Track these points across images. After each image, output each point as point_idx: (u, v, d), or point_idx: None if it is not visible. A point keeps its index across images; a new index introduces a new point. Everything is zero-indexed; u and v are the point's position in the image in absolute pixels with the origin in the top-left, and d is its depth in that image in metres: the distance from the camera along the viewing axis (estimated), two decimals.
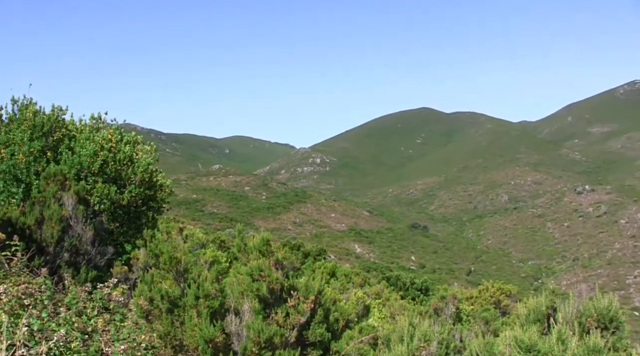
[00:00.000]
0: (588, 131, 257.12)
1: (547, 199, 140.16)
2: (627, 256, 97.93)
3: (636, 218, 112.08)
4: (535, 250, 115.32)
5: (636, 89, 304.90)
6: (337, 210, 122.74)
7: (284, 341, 6.35)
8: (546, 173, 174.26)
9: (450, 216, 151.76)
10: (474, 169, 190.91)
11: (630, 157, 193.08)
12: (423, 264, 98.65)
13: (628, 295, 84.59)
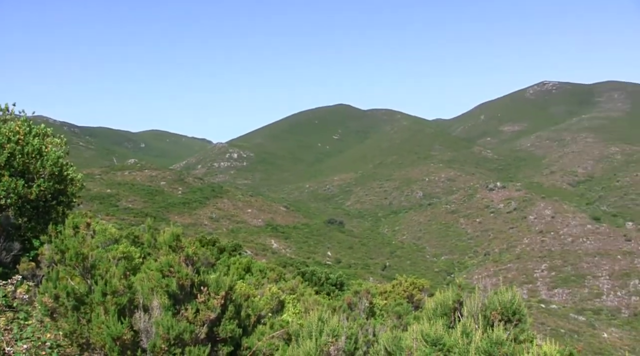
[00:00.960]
0: (500, 130, 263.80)
1: (460, 195, 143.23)
2: (535, 251, 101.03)
3: (544, 214, 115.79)
4: (448, 245, 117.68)
5: (545, 89, 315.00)
6: (254, 206, 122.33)
7: (194, 338, 6.27)
8: (459, 170, 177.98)
9: (366, 212, 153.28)
10: (390, 165, 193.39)
11: (539, 155, 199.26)
12: (339, 259, 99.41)
13: (535, 288, 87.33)
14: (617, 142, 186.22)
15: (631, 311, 78.75)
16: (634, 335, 70.14)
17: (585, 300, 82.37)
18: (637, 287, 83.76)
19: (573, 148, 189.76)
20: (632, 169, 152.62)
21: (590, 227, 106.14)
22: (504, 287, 6.07)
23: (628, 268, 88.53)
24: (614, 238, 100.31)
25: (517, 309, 5.95)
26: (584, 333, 67.65)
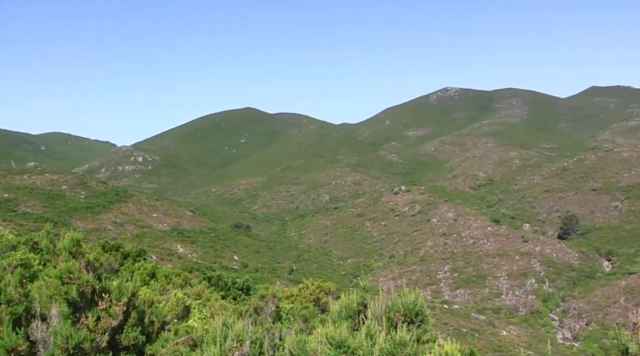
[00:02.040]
0: (404, 134, 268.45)
1: (366, 199, 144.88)
2: (438, 253, 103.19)
3: (446, 217, 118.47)
4: (354, 248, 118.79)
5: (447, 95, 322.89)
6: (160, 210, 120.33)
7: (95, 347, 6.11)
8: (365, 174, 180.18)
9: (273, 215, 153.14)
10: (297, 169, 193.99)
11: (442, 159, 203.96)
12: (246, 263, 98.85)
13: (439, 289, 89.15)
14: (516, 147, 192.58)
15: (528, 310, 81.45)
16: (530, 332, 72.54)
17: (486, 300, 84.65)
18: (534, 286, 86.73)
19: (474, 152, 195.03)
20: (528, 173, 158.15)
21: (491, 229, 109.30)
22: (407, 289, 6.16)
23: (525, 268, 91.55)
24: (512, 239, 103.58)
25: (419, 310, 6.06)
26: (485, 331, 69.48)
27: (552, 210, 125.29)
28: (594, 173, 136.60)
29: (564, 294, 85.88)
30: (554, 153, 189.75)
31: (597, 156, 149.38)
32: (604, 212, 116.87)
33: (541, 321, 78.12)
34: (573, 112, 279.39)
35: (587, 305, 78.28)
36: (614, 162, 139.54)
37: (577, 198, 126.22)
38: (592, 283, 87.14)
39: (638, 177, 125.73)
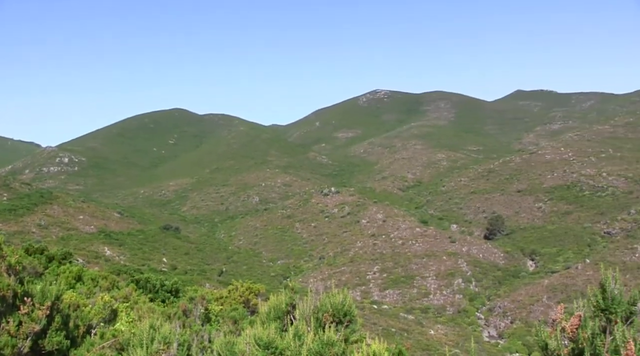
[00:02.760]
0: (334, 136, 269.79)
1: (295, 200, 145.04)
2: (367, 253, 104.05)
3: (376, 218, 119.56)
4: (284, 249, 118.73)
5: (377, 98, 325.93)
6: (86, 212, 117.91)
7: (17, 352, 5.96)
8: (295, 175, 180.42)
9: (203, 217, 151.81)
10: (226, 171, 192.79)
11: (371, 161, 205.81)
12: (175, 266, 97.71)
13: (368, 290, 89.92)
14: (443, 149, 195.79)
15: (455, 309, 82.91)
16: (457, 330, 73.85)
17: (414, 300, 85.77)
18: (461, 286, 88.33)
19: (403, 154, 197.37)
20: (456, 174, 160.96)
21: (419, 229, 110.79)
22: (335, 290, 6.20)
23: (452, 268, 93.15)
24: (440, 240, 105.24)
25: (348, 310, 6.11)
26: (413, 331, 70.40)
27: (478, 211, 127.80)
28: (518, 175, 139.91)
29: (489, 293, 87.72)
30: (480, 155, 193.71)
31: (522, 158, 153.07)
32: (528, 212, 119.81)
33: (468, 320, 79.59)
34: (499, 115, 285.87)
35: (512, 303, 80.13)
36: (538, 164, 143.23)
37: (502, 199, 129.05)
38: (516, 282, 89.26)
39: (560, 179, 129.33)
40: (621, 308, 6.13)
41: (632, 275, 74.76)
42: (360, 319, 6.17)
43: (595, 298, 6.30)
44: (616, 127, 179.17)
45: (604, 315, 6.20)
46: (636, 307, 6.28)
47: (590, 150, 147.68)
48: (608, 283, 6.36)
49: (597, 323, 6.18)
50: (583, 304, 6.39)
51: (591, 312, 6.30)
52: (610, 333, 6.02)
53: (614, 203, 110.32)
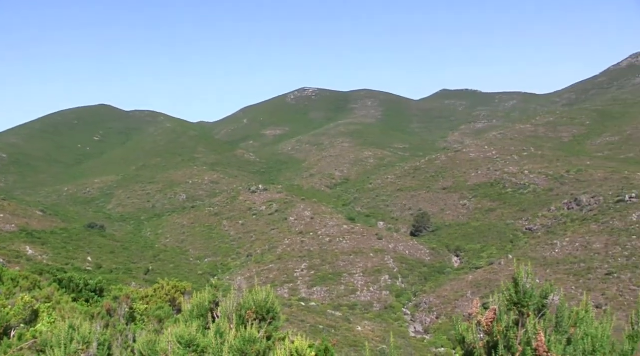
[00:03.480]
0: (262, 133, 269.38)
1: (223, 198, 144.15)
2: (295, 251, 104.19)
3: (303, 216, 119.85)
4: (212, 247, 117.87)
5: (305, 95, 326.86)
6: (7, 210, 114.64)
7: None
8: (223, 173, 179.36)
9: (129, 215, 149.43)
10: (153, 168, 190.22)
11: (299, 158, 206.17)
12: (100, 264, 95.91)
13: (296, 287, 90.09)
14: (370, 147, 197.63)
15: (382, 305, 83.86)
16: (384, 326, 74.68)
17: (342, 297, 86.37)
18: (387, 282, 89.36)
19: (331, 152, 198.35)
20: (382, 172, 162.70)
21: (347, 227, 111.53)
22: (258, 287, 6.25)
23: (379, 265, 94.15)
24: (367, 237, 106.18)
25: (271, 307, 6.16)
26: (341, 327, 70.85)
27: (405, 208, 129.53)
28: (444, 172, 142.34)
29: (416, 289, 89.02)
30: (407, 153, 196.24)
31: (447, 156, 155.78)
32: (453, 209, 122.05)
33: (394, 316, 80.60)
34: (425, 113, 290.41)
35: (437, 299, 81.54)
36: (463, 162, 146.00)
37: (428, 196, 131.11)
38: (442, 278, 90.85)
39: (484, 177, 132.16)
40: (533, 301, 6.37)
41: (552, 270, 76.97)
42: (283, 316, 6.23)
43: (509, 292, 6.53)
44: (537, 126, 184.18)
45: (516, 308, 6.43)
46: (548, 300, 6.53)
47: (513, 149, 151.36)
48: (520, 277, 6.60)
49: (511, 317, 6.41)
50: (498, 298, 6.62)
51: (505, 306, 6.52)
52: (523, 325, 6.25)
53: (535, 200, 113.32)
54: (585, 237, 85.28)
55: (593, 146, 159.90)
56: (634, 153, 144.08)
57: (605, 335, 6.22)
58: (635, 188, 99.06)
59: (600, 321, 6.38)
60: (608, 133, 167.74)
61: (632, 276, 68.38)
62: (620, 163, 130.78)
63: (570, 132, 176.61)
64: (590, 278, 71.48)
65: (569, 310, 6.53)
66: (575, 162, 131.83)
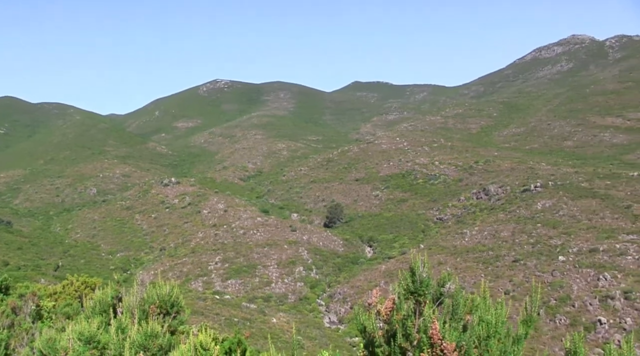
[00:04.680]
0: (174, 126, 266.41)
1: (135, 191, 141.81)
2: (209, 244, 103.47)
3: (217, 209, 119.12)
4: (124, 242, 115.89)
5: (217, 87, 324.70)
6: None
7: None
8: (135, 166, 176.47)
9: (37, 210, 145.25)
10: (62, 161, 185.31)
11: (212, 151, 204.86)
12: (6, 261, 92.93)
13: (210, 280, 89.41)
14: (284, 139, 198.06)
15: (297, 296, 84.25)
16: (299, 317, 75.12)
17: (256, 289, 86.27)
18: (302, 274, 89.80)
19: (244, 144, 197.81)
20: (296, 164, 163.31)
21: (260, 219, 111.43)
22: (162, 281, 6.27)
23: (294, 257, 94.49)
24: (281, 229, 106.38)
25: (175, 301, 6.19)
26: (256, 319, 70.88)
27: (318, 199, 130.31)
28: (356, 164, 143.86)
29: (330, 280, 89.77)
30: (320, 145, 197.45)
31: (360, 148, 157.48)
32: (365, 200, 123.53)
33: (309, 307, 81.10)
34: (337, 105, 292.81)
35: (351, 289, 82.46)
36: (375, 153, 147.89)
37: (341, 188, 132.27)
38: (355, 269, 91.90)
39: (396, 168, 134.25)
40: (429, 290, 6.61)
41: (462, 258, 78.89)
42: (188, 309, 6.26)
43: (406, 281, 6.75)
44: (447, 118, 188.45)
45: (413, 297, 6.66)
46: (445, 289, 6.79)
47: (424, 140, 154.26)
48: (417, 267, 6.83)
49: (410, 306, 6.64)
50: (396, 288, 6.84)
51: (403, 296, 6.75)
52: (420, 314, 6.49)
53: (445, 190, 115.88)
54: (493, 226, 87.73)
55: (500, 137, 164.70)
56: (538, 144, 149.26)
57: (500, 320, 6.51)
58: (540, 178, 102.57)
59: (496, 307, 6.67)
60: (514, 125, 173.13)
61: (537, 263, 70.73)
62: (526, 154, 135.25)
63: (479, 124, 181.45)
64: (499, 266, 73.56)
65: (464, 298, 6.81)
66: (483, 153, 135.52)
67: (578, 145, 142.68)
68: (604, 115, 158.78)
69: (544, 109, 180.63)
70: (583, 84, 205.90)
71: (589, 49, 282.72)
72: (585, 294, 60.78)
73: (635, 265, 64.45)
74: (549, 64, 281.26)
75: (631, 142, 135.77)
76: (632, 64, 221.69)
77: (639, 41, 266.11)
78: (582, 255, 69.07)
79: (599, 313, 56.81)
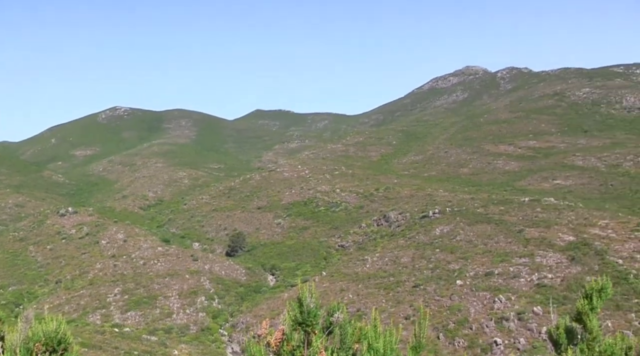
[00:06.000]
0: (71, 154, 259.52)
1: (29, 222, 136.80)
2: (107, 275, 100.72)
3: (116, 239, 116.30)
4: (16, 275, 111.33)
5: (117, 114, 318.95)
6: None
7: None
8: (29, 195, 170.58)
9: None
10: None
11: (111, 179, 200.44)
12: None
13: (109, 313, 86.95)
14: (185, 167, 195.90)
15: (199, 327, 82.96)
16: (201, 348, 74.03)
17: (157, 320, 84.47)
18: (204, 304, 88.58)
19: (144, 173, 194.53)
20: (197, 192, 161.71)
21: (161, 249, 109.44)
22: (49, 317, 6.01)
23: (195, 287, 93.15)
24: (182, 258, 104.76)
25: (62, 338, 5.94)
26: (157, 352, 69.42)
27: (220, 228, 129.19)
28: (258, 192, 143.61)
29: (232, 309, 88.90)
30: (221, 173, 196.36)
31: (262, 176, 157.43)
32: (268, 228, 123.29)
33: (211, 337, 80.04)
34: (239, 133, 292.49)
35: (254, 318, 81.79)
36: (277, 182, 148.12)
37: (243, 216, 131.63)
38: (258, 297, 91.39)
39: (297, 196, 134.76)
40: (317, 320, 6.59)
41: (364, 285, 79.66)
42: (77, 346, 6.02)
43: (294, 312, 6.71)
44: (348, 146, 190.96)
45: (302, 327, 6.62)
46: (334, 318, 6.78)
47: (325, 168, 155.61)
48: (305, 297, 6.80)
49: (300, 336, 6.59)
50: (285, 319, 6.79)
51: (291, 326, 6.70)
52: (309, 344, 6.45)
53: (346, 217, 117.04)
54: (393, 252, 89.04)
55: (399, 165, 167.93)
56: (436, 172, 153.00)
57: (389, 348, 6.54)
58: (438, 204, 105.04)
59: (386, 335, 6.70)
60: (413, 153, 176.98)
61: (437, 287, 72.16)
62: (424, 181, 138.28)
63: (379, 152, 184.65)
64: (399, 291, 74.63)
65: (353, 326, 6.82)
66: (383, 180, 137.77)
67: (473, 172, 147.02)
68: (497, 143, 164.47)
69: (441, 137, 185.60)
70: (477, 113, 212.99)
71: (482, 79, 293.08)
72: (482, 316, 62.35)
73: (527, 287, 66.71)
74: (445, 94, 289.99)
75: (522, 168, 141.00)
76: (522, 94, 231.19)
77: (527, 73, 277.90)
78: (478, 279, 70.95)
79: (495, 335, 58.36)
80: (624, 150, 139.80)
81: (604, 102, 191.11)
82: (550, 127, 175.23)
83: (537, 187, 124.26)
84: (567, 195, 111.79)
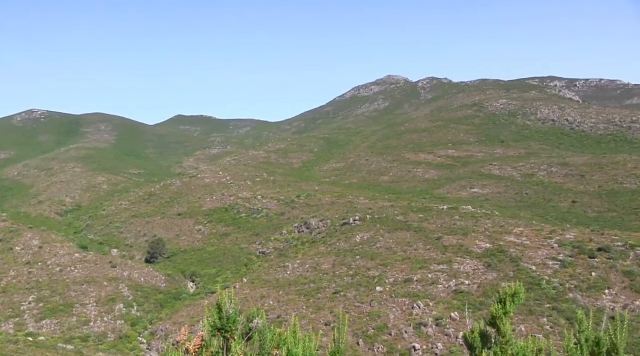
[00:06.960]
0: None
1: None
2: (22, 283, 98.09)
3: (31, 245, 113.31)
4: None
5: (33, 117, 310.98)
6: None
7: None
8: None
9: None
10: None
11: (26, 184, 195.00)
12: None
13: (23, 322, 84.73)
14: (104, 172, 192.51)
15: (117, 335, 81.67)
16: None
17: (74, 329, 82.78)
18: (122, 311, 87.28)
19: (62, 177, 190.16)
20: (116, 198, 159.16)
21: (79, 255, 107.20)
22: None
23: (114, 294, 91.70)
24: (100, 265, 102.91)
25: None
26: None
27: (139, 234, 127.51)
28: (179, 198, 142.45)
29: (151, 317, 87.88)
30: (142, 178, 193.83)
31: (182, 182, 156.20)
32: (188, 235, 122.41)
33: (130, 345, 78.97)
34: (160, 138, 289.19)
35: (174, 325, 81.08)
36: (198, 188, 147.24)
37: (163, 222, 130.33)
38: (178, 305, 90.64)
39: (219, 202, 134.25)
40: (236, 326, 7.03)
41: (285, 291, 80.00)
42: None
43: (213, 318, 7.13)
44: (270, 153, 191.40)
45: (221, 334, 7.04)
46: (253, 324, 7.24)
47: (247, 175, 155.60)
48: (224, 303, 7.23)
49: (220, 342, 7.00)
50: (204, 325, 7.20)
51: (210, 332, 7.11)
52: (229, 350, 6.89)
53: (268, 224, 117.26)
54: (314, 259, 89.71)
55: (321, 172, 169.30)
56: (357, 179, 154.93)
57: (309, 353, 7.03)
58: (359, 212, 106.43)
59: (305, 341, 7.19)
60: (334, 160, 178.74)
61: (357, 294, 73.07)
62: (345, 188, 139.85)
63: (301, 159, 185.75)
64: (320, 298, 75.25)
65: (272, 333, 7.27)
66: (305, 187, 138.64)
67: (394, 180, 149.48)
68: (417, 152, 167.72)
69: (362, 145, 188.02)
70: (398, 122, 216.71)
71: (403, 89, 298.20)
72: (401, 322, 63.58)
73: (445, 293, 68.39)
74: (367, 102, 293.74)
75: (441, 177, 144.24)
76: (441, 104, 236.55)
77: (447, 84, 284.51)
78: (397, 286, 72.28)
79: (414, 340, 59.63)
80: (539, 160, 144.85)
81: (520, 114, 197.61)
82: (469, 136, 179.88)
83: (456, 195, 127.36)
84: (484, 203, 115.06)
